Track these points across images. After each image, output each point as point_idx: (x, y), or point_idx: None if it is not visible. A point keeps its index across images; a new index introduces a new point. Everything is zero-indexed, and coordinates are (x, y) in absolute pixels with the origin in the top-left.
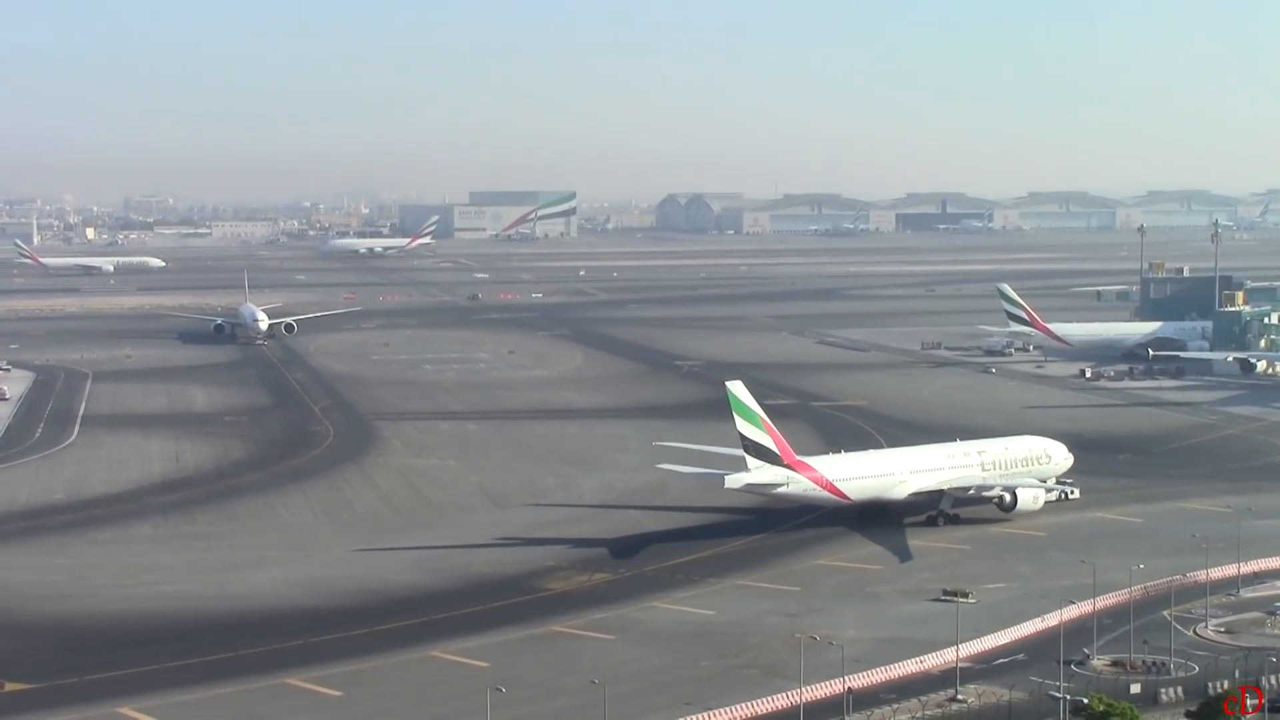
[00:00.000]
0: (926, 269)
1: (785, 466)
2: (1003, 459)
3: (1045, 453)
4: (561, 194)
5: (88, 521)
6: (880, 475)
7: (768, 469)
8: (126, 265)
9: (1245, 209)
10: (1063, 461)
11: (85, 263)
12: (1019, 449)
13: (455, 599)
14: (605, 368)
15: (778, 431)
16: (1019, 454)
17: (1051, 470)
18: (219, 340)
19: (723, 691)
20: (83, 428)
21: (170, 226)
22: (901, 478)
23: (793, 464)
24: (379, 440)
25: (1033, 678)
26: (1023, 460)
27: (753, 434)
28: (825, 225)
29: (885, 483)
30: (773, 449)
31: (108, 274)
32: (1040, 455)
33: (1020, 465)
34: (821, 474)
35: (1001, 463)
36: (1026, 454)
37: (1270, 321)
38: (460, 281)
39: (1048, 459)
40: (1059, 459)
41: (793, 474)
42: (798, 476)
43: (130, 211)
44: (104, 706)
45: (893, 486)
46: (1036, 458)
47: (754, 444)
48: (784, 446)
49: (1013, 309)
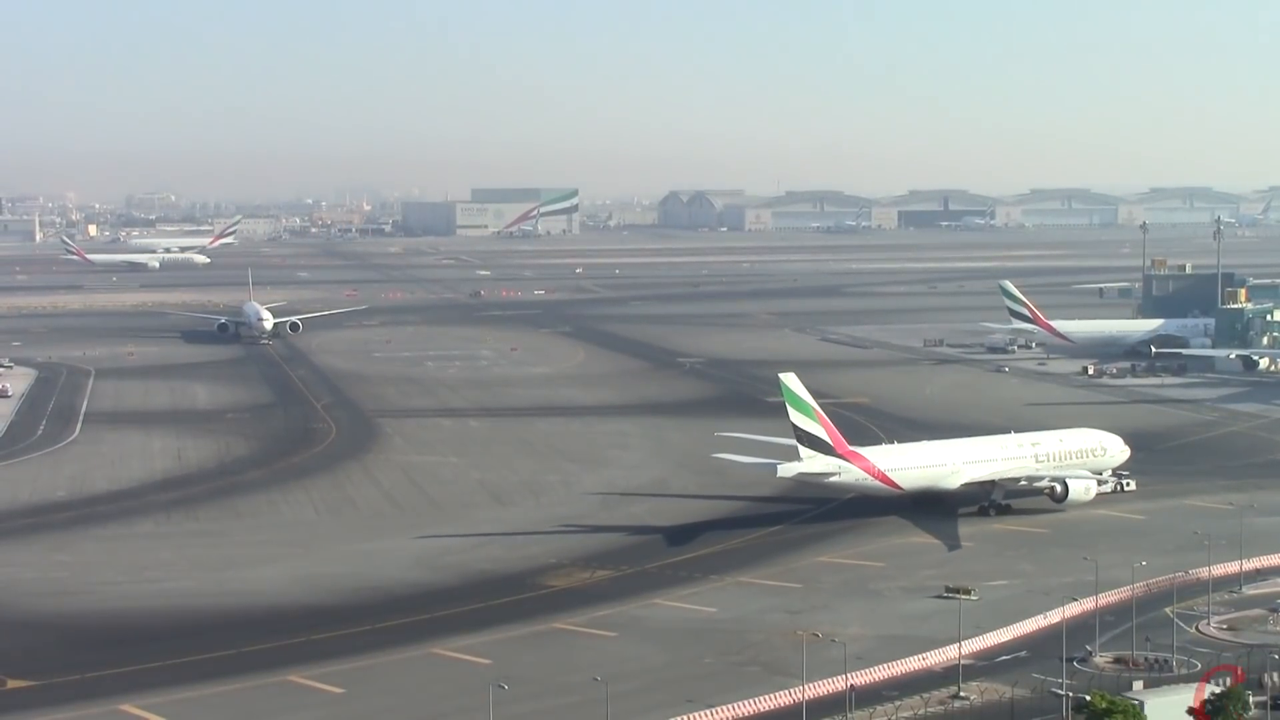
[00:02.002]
0: (928, 266)
1: (838, 456)
2: (1057, 451)
3: (1100, 445)
4: (564, 191)
5: (90, 519)
6: (932, 466)
7: (820, 459)
8: (171, 261)
9: (1248, 206)
10: (1118, 454)
11: (130, 259)
12: (1073, 441)
13: (457, 596)
14: (607, 365)
15: (830, 422)
16: (1073, 446)
17: (1107, 463)
18: (223, 339)
19: (725, 689)
20: (85, 425)
21: (172, 224)
22: (954, 468)
23: (845, 454)
24: (381, 437)
25: (1035, 675)
26: (1077, 452)
27: (805, 424)
28: (827, 222)
29: (938, 473)
30: (825, 439)
31: (153, 269)
32: (1095, 448)
33: (1074, 457)
34: (873, 464)
35: (1055, 455)
36: (1081, 446)
37: (1272, 319)
38: (462, 279)
39: (1103, 451)
40: (1114, 451)
41: (844, 464)
42: (849, 466)
43: (132, 209)
44: (106, 704)
45: (945, 477)
46: (1091, 450)
47: (806, 434)
48: (836, 437)
49: (1015, 306)
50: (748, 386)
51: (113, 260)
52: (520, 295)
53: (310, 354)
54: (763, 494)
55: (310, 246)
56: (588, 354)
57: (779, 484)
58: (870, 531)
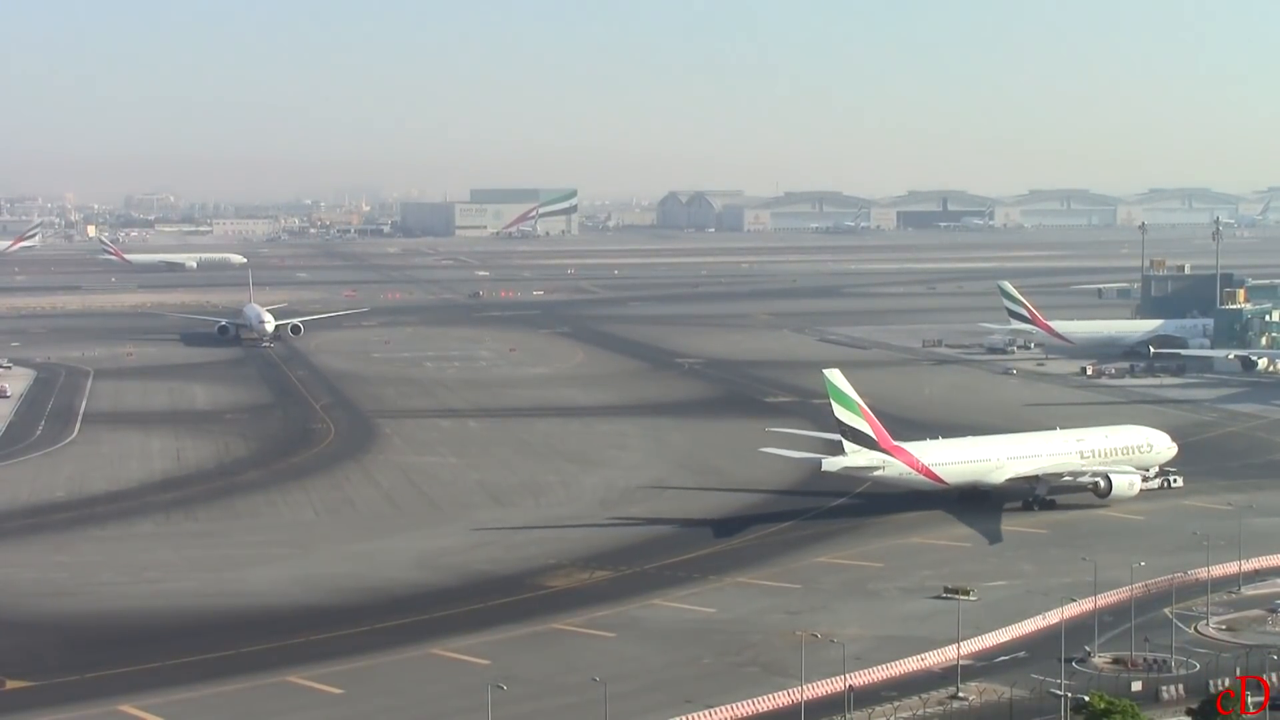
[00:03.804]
0: (927, 266)
1: (882, 451)
2: (1102, 447)
3: (1147, 442)
4: (563, 191)
5: (89, 519)
6: (977, 461)
7: (864, 453)
8: (208, 262)
9: (1246, 206)
10: (1165, 450)
11: (168, 259)
12: (1119, 438)
13: (456, 597)
14: (606, 365)
15: (874, 417)
16: (1119, 442)
17: (1153, 459)
18: (223, 342)
19: (723, 689)
20: (84, 425)
21: (171, 224)
22: (998, 463)
23: (889, 449)
24: (380, 438)
25: (1034, 675)
26: (1123, 449)
27: (850, 419)
28: (826, 223)
29: (982, 468)
30: (869, 434)
31: (191, 269)
32: (1141, 444)
33: (1120, 454)
34: (917, 458)
35: (1101, 451)
36: (1127, 443)
37: (1271, 319)
38: (461, 279)
39: (1149, 448)
40: (1161, 448)
41: (889, 458)
42: (894, 461)
43: (131, 209)
44: (105, 704)
45: (989, 472)
46: (1137, 446)
47: (851, 429)
48: (881, 432)
49: (1014, 306)
50: (747, 387)
51: (150, 260)
52: (519, 296)
53: (309, 354)
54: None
55: (309, 247)
56: (587, 354)
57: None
58: (869, 532)
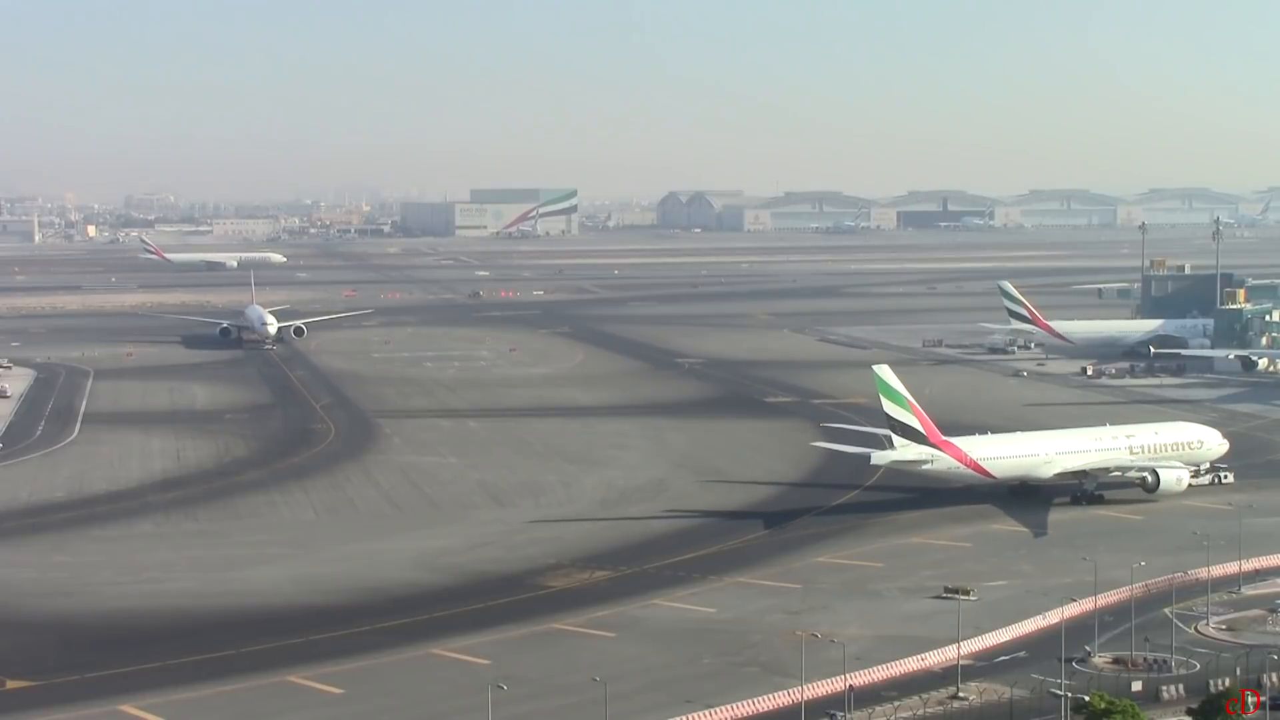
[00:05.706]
0: (927, 266)
1: (930, 445)
2: (1152, 443)
3: (1198, 438)
4: (563, 191)
5: (89, 519)
6: (1026, 455)
7: (913, 447)
8: (249, 260)
9: (1246, 206)
10: (1215, 447)
11: (209, 258)
12: (1170, 434)
13: (456, 597)
14: (606, 365)
15: (923, 412)
16: (1169, 439)
17: (1204, 455)
18: (224, 343)
19: (724, 689)
20: (84, 425)
21: (171, 224)
22: (1047, 458)
23: (938, 443)
24: (380, 438)
25: (1034, 675)
26: (1172, 445)
27: (898, 414)
28: (826, 223)
29: (1031, 463)
30: (918, 428)
31: (232, 269)
32: (1192, 440)
33: (1170, 450)
34: (966, 453)
35: (1151, 447)
36: (1177, 439)
37: (1271, 319)
38: (461, 279)
39: (1199, 444)
40: (1211, 444)
41: (937, 453)
42: (942, 455)
43: (131, 209)
44: (105, 704)
45: (1038, 467)
46: (1187, 443)
47: (900, 424)
48: (929, 426)
49: (1014, 306)
50: (747, 387)
51: (192, 260)
52: (519, 296)
53: (309, 354)
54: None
55: (309, 247)
56: (586, 354)
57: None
58: (869, 532)
